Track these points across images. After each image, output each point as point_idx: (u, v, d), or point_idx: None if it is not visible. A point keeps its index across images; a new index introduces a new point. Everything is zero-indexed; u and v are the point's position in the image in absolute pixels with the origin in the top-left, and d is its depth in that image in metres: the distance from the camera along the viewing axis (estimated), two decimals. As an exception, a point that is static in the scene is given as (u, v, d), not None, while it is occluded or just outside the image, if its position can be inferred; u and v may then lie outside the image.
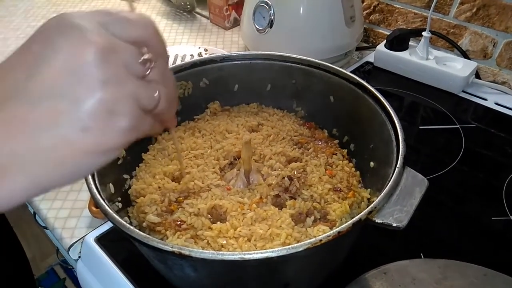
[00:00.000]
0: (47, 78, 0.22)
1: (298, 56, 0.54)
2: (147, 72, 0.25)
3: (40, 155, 0.22)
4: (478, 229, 0.54)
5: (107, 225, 0.53)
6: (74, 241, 0.53)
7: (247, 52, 0.57)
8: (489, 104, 0.75)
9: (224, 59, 0.55)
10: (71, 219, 0.55)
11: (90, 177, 0.38)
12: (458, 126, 0.70)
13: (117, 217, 0.34)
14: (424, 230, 0.53)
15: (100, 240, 0.52)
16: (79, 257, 0.54)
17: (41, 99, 0.22)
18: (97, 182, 0.39)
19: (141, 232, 0.33)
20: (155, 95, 0.25)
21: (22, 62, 0.22)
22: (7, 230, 0.79)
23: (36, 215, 0.59)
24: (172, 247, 0.31)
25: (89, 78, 0.22)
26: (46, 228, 0.58)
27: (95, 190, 0.37)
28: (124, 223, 0.34)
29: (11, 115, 0.22)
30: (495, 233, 0.53)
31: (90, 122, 0.22)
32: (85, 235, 0.53)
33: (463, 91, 0.77)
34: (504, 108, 0.74)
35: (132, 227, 0.33)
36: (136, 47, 0.24)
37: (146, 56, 0.25)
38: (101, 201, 0.36)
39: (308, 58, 0.54)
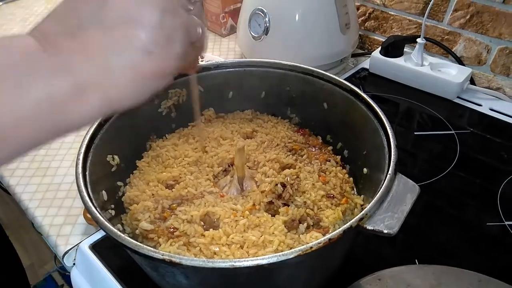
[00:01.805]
0: (117, 7, 0.25)
1: (291, 63, 0.55)
2: (192, 8, 0.29)
3: (112, 76, 0.25)
4: (473, 235, 0.54)
5: (102, 233, 0.53)
6: (68, 248, 0.53)
7: (241, 59, 0.57)
8: (484, 110, 0.75)
9: (218, 66, 0.55)
10: (66, 226, 0.55)
11: (82, 185, 0.38)
12: (453, 131, 0.70)
13: (108, 224, 0.34)
14: (419, 236, 0.53)
15: (94, 247, 0.52)
16: (74, 264, 0.54)
17: (112, 25, 0.25)
18: (89, 189, 0.39)
19: (131, 240, 0.33)
20: (198, 28, 0.30)
21: None
22: (2, 239, 0.79)
23: (34, 222, 0.60)
24: (162, 255, 0.32)
25: (151, 5, 0.25)
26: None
27: (87, 198, 0.37)
28: (115, 230, 0.34)
29: (87, 41, 0.24)
30: (490, 239, 0.53)
31: (153, 47, 0.25)
32: (79, 242, 0.53)
33: (458, 97, 0.78)
34: (498, 113, 0.74)
35: (123, 235, 0.33)
36: None
37: None
38: (93, 208, 0.36)
39: (302, 65, 0.54)
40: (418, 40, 0.77)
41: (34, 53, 0.24)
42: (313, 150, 0.54)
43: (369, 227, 0.35)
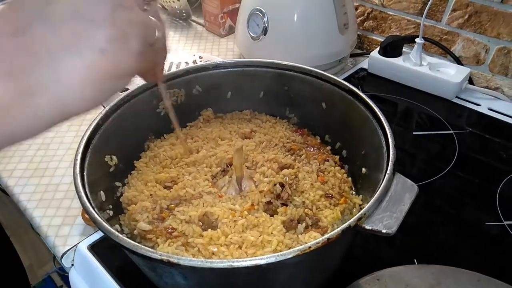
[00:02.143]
0: (65, 2, 0.23)
1: (289, 63, 0.55)
2: (147, 8, 0.28)
3: (62, 78, 0.23)
4: (472, 235, 0.54)
5: (100, 233, 0.53)
6: (67, 249, 0.53)
7: (239, 59, 0.57)
8: (483, 109, 0.75)
9: (216, 66, 0.55)
10: (64, 227, 0.55)
11: (80, 186, 0.38)
12: (452, 131, 0.70)
13: (106, 225, 0.34)
14: (417, 235, 0.53)
15: (93, 248, 0.52)
16: (72, 265, 0.54)
17: (61, 22, 0.23)
18: (87, 190, 0.39)
19: (129, 240, 0.33)
20: (156, 29, 0.28)
21: None
22: (3, 239, 0.79)
23: (33, 223, 0.59)
24: (160, 255, 0.31)
25: (104, 1, 0.23)
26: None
27: (85, 198, 0.37)
28: (113, 231, 0.34)
29: (33, 39, 0.22)
30: (488, 238, 0.53)
31: (107, 45, 0.23)
32: (78, 243, 0.53)
33: (456, 97, 0.78)
34: (497, 113, 0.74)
35: (121, 235, 0.33)
36: None
37: None
38: (91, 209, 0.36)
39: (300, 65, 0.54)
40: (417, 40, 0.77)
41: None
42: (312, 150, 0.54)
43: (367, 227, 0.35)
